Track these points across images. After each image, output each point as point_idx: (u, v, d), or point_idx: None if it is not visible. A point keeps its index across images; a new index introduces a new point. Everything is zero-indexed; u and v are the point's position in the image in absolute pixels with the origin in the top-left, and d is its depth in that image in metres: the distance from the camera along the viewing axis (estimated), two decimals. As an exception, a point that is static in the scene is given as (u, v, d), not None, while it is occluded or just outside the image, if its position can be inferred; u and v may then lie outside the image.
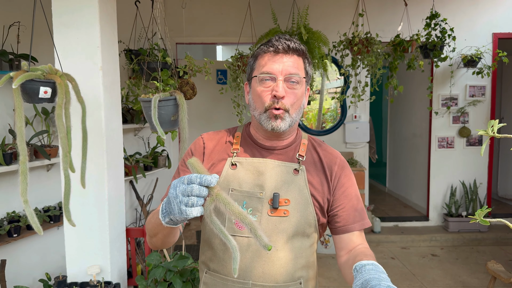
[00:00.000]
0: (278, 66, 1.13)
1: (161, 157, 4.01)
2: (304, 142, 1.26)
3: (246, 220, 0.88)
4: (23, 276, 2.94)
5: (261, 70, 1.15)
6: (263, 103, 1.14)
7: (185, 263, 2.32)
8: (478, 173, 5.00)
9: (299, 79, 1.15)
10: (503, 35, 4.82)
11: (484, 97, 4.91)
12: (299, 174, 1.19)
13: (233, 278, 1.15)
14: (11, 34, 2.86)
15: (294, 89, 1.14)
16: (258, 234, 0.87)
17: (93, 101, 2.31)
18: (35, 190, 3.06)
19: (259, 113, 1.16)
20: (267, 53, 1.16)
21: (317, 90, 5.25)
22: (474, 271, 3.95)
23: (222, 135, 1.29)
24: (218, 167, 1.21)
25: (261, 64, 1.16)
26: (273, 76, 1.13)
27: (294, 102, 1.15)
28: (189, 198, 0.88)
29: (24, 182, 1.52)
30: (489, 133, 0.78)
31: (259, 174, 1.18)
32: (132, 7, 3.42)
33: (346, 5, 4.80)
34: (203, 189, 0.88)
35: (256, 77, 1.16)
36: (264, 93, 1.14)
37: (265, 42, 1.19)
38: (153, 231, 1.13)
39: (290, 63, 1.14)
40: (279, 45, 1.13)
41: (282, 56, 1.14)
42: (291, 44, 1.14)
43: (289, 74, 1.13)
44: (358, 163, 4.73)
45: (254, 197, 1.15)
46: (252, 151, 1.23)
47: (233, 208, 0.88)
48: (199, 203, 0.88)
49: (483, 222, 0.81)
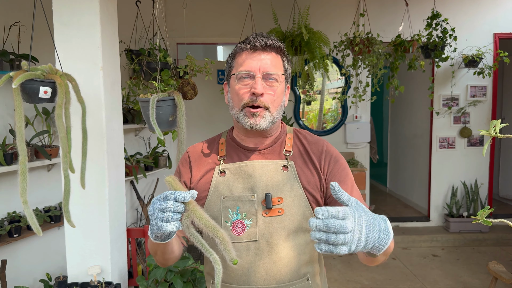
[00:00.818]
0: (256, 63, 1.12)
1: (162, 158, 4.01)
2: (289, 137, 1.24)
3: (218, 234, 0.92)
4: (23, 276, 2.94)
5: (239, 68, 1.14)
6: (240, 101, 1.13)
7: (186, 263, 2.32)
8: (479, 173, 4.99)
9: (277, 77, 1.13)
10: (504, 35, 4.81)
11: (485, 97, 4.90)
12: (288, 170, 1.17)
13: (236, 285, 1.14)
14: (12, 34, 2.86)
15: (273, 86, 1.13)
16: (227, 248, 0.91)
17: (93, 101, 2.31)
18: (36, 190, 3.06)
19: (236, 111, 1.15)
20: (244, 51, 1.14)
21: (318, 90, 5.24)
22: (475, 272, 3.94)
23: (207, 144, 1.28)
24: (207, 177, 1.20)
25: (238, 62, 1.15)
26: (251, 74, 1.11)
27: (274, 100, 1.14)
28: (164, 214, 0.93)
29: (23, 182, 1.52)
30: (491, 133, 0.78)
31: (248, 177, 1.17)
32: (133, 7, 3.42)
33: (347, 5, 4.79)
34: (178, 204, 0.92)
35: (234, 75, 1.14)
36: (242, 90, 1.13)
37: (243, 40, 1.17)
38: (152, 249, 1.17)
39: (268, 61, 1.13)
40: (256, 42, 1.12)
41: (260, 53, 1.13)
42: (269, 41, 1.13)
43: (268, 72, 1.12)
44: (359, 164, 4.73)
45: (246, 200, 1.15)
46: (238, 155, 1.21)
47: (206, 222, 0.93)
48: (174, 218, 0.92)
49: (485, 222, 0.81)
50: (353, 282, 3.73)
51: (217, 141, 1.27)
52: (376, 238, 0.86)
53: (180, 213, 0.93)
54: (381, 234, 0.88)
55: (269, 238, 1.13)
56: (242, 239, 1.14)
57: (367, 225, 0.85)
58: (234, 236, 1.14)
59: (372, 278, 3.80)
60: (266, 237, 1.13)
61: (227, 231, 1.14)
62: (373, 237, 0.86)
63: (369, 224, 0.85)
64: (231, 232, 1.14)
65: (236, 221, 1.14)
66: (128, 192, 3.86)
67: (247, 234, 1.14)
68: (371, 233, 0.85)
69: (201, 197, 1.19)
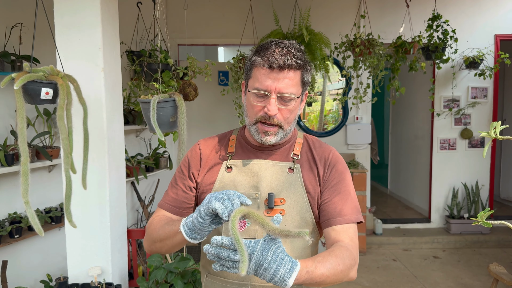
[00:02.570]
0: (271, 83, 1.10)
1: (163, 159, 4.01)
2: (299, 141, 1.26)
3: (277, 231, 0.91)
4: (24, 277, 2.94)
5: (255, 85, 1.12)
6: (254, 115, 1.15)
7: (186, 264, 2.32)
8: (480, 175, 4.99)
9: (292, 97, 1.12)
10: (505, 36, 4.81)
11: (486, 99, 4.90)
12: (294, 173, 1.19)
13: (233, 280, 1.15)
14: (13, 35, 2.87)
15: (287, 106, 1.13)
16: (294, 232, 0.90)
17: (94, 102, 2.31)
18: (37, 191, 3.06)
19: (249, 122, 1.18)
20: (263, 67, 1.11)
21: (319, 92, 5.24)
22: (476, 274, 3.94)
23: (218, 139, 1.30)
24: (214, 171, 1.22)
25: (255, 76, 1.13)
26: (266, 93, 1.11)
27: (288, 117, 1.15)
28: (222, 195, 0.95)
29: (25, 183, 1.52)
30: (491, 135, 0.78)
31: (254, 175, 1.18)
32: (134, 8, 3.43)
33: (347, 7, 4.79)
34: (236, 199, 0.94)
35: (250, 92, 1.15)
36: (256, 106, 1.14)
37: (261, 51, 1.13)
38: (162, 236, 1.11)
39: (285, 81, 1.10)
40: (274, 62, 1.08)
41: (278, 72, 1.09)
42: (288, 61, 1.09)
43: (283, 93, 1.10)
44: (360, 165, 4.72)
45: (249, 198, 1.15)
46: (246, 153, 1.23)
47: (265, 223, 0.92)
48: (225, 204, 0.93)
49: (486, 224, 0.81)
50: (354, 283, 3.73)
51: (228, 137, 1.30)
52: (268, 278, 0.91)
53: (233, 205, 0.94)
54: (276, 279, 0.91)
55: None
56: (242, 235, 1.14)
57: (257, 264, 0.91)
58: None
59: (372, 280, 3.80)
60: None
61: (227, 226, 1.15)
62: (263, 275, 0.91)
63: (260, 264, 0.91)
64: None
65: None
66: (129, 193, 3.86)
67: (246, 231, 1.15)
68: (261, 271, 0.91)
69: (206, 190, 1.21)
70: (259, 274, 0.91)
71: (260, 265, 0.90)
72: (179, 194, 1.23)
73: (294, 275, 0.91)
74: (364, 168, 4.69)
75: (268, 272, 0.90)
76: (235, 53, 3.83)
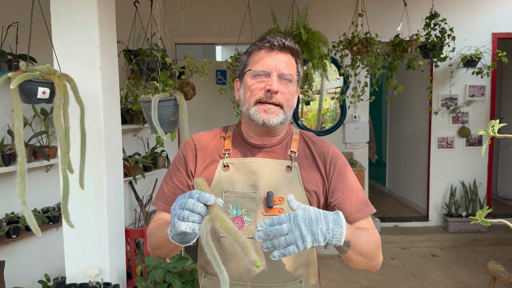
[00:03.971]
0: (273, 62, 1.13)
1: (161, 158, 4.01)
2: (295, 138, 1.25)
3: (240, 239, 0.87)
4: (22, 277, 2.93)
5: (255, 65, 1.15)
6: (253, 96, 1.14)
7: (184, 264, 2.31)
8: (478, 173, 5.00)
9: (292, 77, 1.15)
10: (503, 35, 4.82)
11: (483, 97, 4.91)
12: (292, 171, 1.18)
13: (232, 281, 1.14)
14: (10, 34, 2.86)
15: (287, 86, 1.14)
16: (249, 252, 0.86)
17: (92, 101, 2.30)
18: (34, 191, 3.05)
19: (247, 107, 1.16)
20: (262, 49, 1.16)
21: (317, 90, 5.24)
22: (474, 272, 3.95)
23: (213, 135, 1.27)
24: (210, 169, 1.20)
25: (255, 59, 1.16)
26: (267, 72, 1.13)
27: (288, 99, 1.15)
28: (182, 211, 0.89)
29: (22, 183, 1.52)
30: (489, 133, 0.78)
31: (252, 174, 1.17)
32: (131, 7, 3.42)
33: (345, 5, 4.79)
34: (199, 205, 0.89)
35: (250, 71, 1.15)
36: (256, 86, 1.14)
37: (260, 40, 1.19)
38: (157, 244, 1.13)
39: (284, 62, 1.14)
40: (274, 42, 1.14)
41: (277, 53, 1.14)
42: (287, 42, 1.15)
43: (283, 72, 1.13)
44: (358, 164, 4.73)
45: (247, 197, 1.15)
46: (243, 151, 1.22)
47: (229, 226, 0.88)
48: (191, 219, 0.88)
49: (484, 222, 0.81)
50: (352, 282, 3.73)
51: (223, 134, 1.27)
52: (324, 230, 0.91)
53: (199, 215, 0.89)
54: (331, 225, 0.92)
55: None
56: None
57: (306, 221, 0.91)
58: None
59: (371, 278, 3.80)
60: None
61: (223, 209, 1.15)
62: (319, 230, 0.91)
63: (309, 219, 0.91)
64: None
65: (235, 216, 1.15)
66: (127, 192, 3.86)
67: (245, 230, 1.14)
68: (314, 227, 0.91)
69: None
70: (315, 231, 0.91)
71: (310, 220, 0.91)
72: (176, 193, 1.21)
73: (342, 216, 0.95)
74: (362, 166, 4.69)
75: (321, 223, 0.91)
76: (233, 52, 3.83)
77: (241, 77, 1.21)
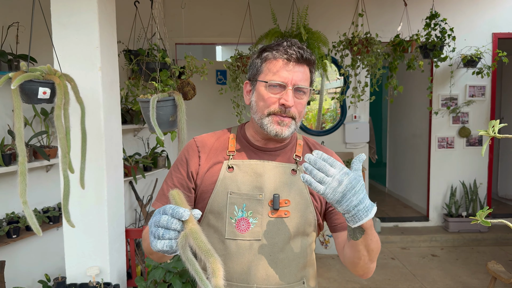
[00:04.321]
0: (289, 75, 1.12)
1: (161, 158, 4.01)
2: (300, 143, 1.26)
3: (211, 259, 0.81)
4: (22, 277, 2.93)
5: (272, 77, 1.13)
6: (267, 108, 1.13)
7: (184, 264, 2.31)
8: (478, 173, 5.00)
9: (306, 90, 1.15)
10: (503, 35, 4.82)
11: (484, 97, 4.91)
12: (297, 175, 1.19)
13: (236, 283, 1.14)
14: (10, 34, 2.86)
15: (301, 99, 1.15)
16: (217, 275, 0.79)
17: (92, 101, 2.30)
18: (35, 191, 3.05)
19: (260, 117, 1.15)
20: (278, 59, 1.13)
21: (317, 90, 5.24)
22: (474, 272, 3.95)
23: (216, 137, 1.26)
24: (214, 170, 1.19)
25: (271, 69, 1.14)
26: (283, 85, 1.12)
27: (301, 111, 1.16)
28: (157, 229, 0.84)
29: (23, 183, 1.52)
30: (489, 133, 0.78)
31: (258, 176, 1.17)
32: (131, 7, 3.42)
33: (345, 5, 4.79)
34: (174, 221, 0.83)
35: (266, 83, 1.13)
36: (271, 99, 1.13)
37: (276, 46, 1.16)
38: (149, 250, 1.13)
39: (300, 74, 1.13)
40: (292, 54, 1.12)
41: (294, 65, 1.13)
42: (304, 54, 1.13)
43: (299, 85, 1.13)
44: (358, 164, 4.72)
45: (253, 199, 1.15)
46: (248, 153, 1.22)
47: (201, 244, 0.82)
48: (166, 236, 0.83)
49: (485, 223, 0.81)
50: (352, 282, 3.73)
51: (226, 136, 1.26)
52: (353, 204, 0.95)
53: (175, 231, 0.84)
54: (361, 206, 0.96)
55: (273, 239, 1.14)
56: (246, 237, 1.13)
57: (349, 185, 0.95)
58: (237, 233, 1.14)
59: (371, 278, 3.80)
60: (269, 238, 1.14)
61: (231, 228, 1.14)
62: (350, 200, 0.95)
63: (352, 186, 0.95)
64: (235, 229, 1.14)
65: (241, 218, 1.14)
66: (127, 192, 3.86)
67: (251, 232, 1.14)
68: (349, 194, 0.94)
69: (207, 190, 1.18)
70: (346, 199, 0.94)
71: (352, 187, 0.95)
72: None
73: (373, 211, 0.98)
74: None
75: (356, 197, 0.95)
76: (233, 52, 3.82)
77: (254, 82, 1.19)
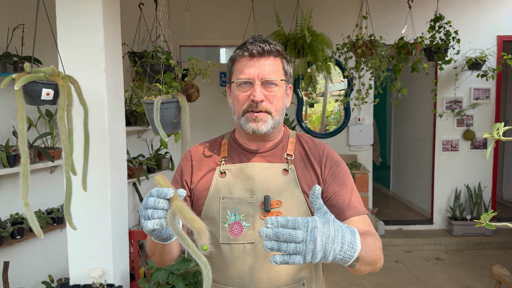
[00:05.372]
0: (254, 70, 1.12)
1: (164, 160, 4.01)
2: (291, 141, 1.25)
3: (196, 225, 0.85)
4: (26, 278, 2.94)
5: (238, 75, 1.15)
6: (241, 106, 1.15)
7: (187, 265, 2.31)
8: (482, 176, 4.97)
9: (277, 82, 1.14)
10: (508, 37, 4.79)
11: (488, 100, 4.88)
12: (289, 174, 1.18)
13: (233, 287, 1.14)
14: (16, 36, 2.87)
15: (272, 92, 1.14)
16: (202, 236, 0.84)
17: (96, 103, 2.31)
18: (39, 192, 3.06)
19: (237, 117, 1.18)
20: (243, 57, 1.15)
21: (321, 93, 5.23)
22: (478, 275, 3.92)
23: (209, 145, 1.29)
24: (208, 178, 1.21)
25: (238, 69, 1.16)
26: (250, 81, 1.13)
27: (276, 104, 1.15)
28: (146, 211, 0.90)
29: (25, 184, 1.52)
30: (494, 136, 0.77)
31: (248, 179, 1.17)
32: (136, 9, 3.43)
33: (349, 8, 4.79)
34: (160, 201, 0.89)
35: (234, 83, 1.16)
36: (242, 97, 1.14)
37: (241, 45, 1.17)
38: (150, 249, 1.15)
39: (267, 66, 1.13)
40: (253, 49, 1.12)
41: (258, 59, 1.13)
42: (266, 47, 1.13)
43: (266, 78, 1.12)
44: (362, 166, 4.71)
45: (245, 202, 1.15)
46: (239, 157, 1.22)
47: (186, 214, 0.87)
48: (155, 215, 0.89)
49: (489, 226, 0.80)
50: (356, 285, 3.71)
51: (219, 142, 1.29)
52: (337, 251, 0.85)
53: (162, 209, 0.89)
54: (345, 247, 0.86)
55: None
56: (239, 240, 1.13)
57: (324, 237, 0.83)
58: (231, 237, 1.14)
59: (374, 281, 3.78)
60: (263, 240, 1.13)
61: (225, 232, 1.14)
62: (333, 250, 0.84)
63: (327, 236, 0.83)
64: (229, 233, 1.14)
65: (234, 222, 1.15)
66: (131, 194, 3.86)
67: (244, 235, 1.14)
68: (329, 246, 0.83)
69: (201, 196, 1.20)
70: (329, 251, 0.83)
71: (327, 237, 0.83)
72: None
73: (357, 237, 0.88)
74: (366, 169, 4.68)
75: (336, 242, 0.84)
76: (237, 54, 3.82)
77: (230, 85, 1.22)
